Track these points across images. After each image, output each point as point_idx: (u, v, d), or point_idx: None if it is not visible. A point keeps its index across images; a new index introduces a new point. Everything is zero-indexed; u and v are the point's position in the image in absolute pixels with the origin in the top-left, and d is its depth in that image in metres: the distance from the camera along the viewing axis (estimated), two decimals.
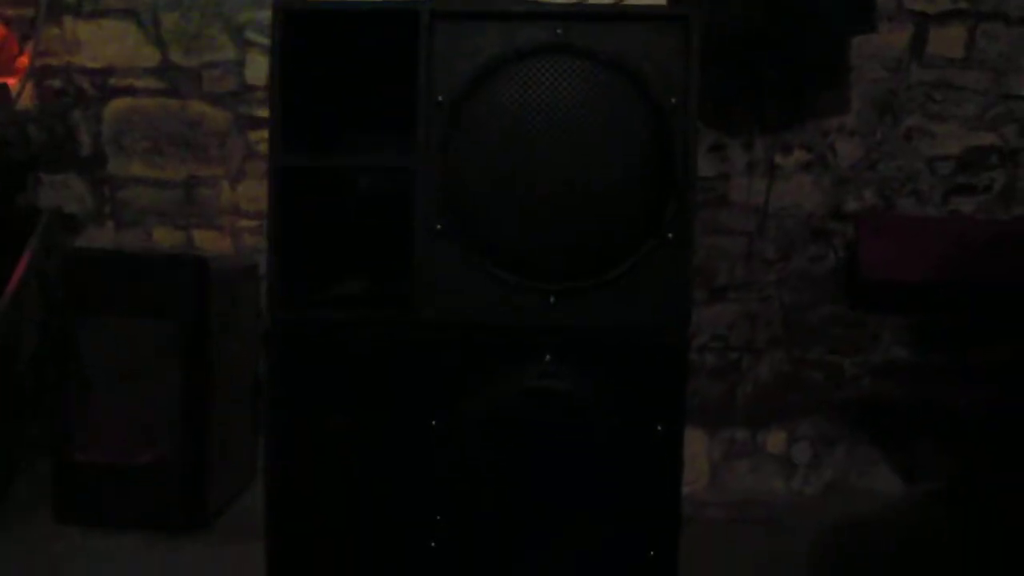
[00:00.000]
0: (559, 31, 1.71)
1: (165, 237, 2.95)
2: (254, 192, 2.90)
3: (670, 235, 1.71)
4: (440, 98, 1.71)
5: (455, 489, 1.78)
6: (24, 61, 2.87)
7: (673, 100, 1.70)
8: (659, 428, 1.75)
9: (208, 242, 2.94)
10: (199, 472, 2.39)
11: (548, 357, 1.75)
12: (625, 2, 1.88)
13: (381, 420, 1.79)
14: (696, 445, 2.83)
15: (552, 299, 1.73)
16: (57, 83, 2.94)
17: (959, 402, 2.45)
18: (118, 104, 2.94)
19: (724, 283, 2.84)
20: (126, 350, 2.37)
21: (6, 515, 2.41)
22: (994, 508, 2.59)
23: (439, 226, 1.72)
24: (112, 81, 2.93)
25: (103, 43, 2.92)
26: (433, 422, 1.76)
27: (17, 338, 2.61)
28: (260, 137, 2.87)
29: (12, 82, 2.86)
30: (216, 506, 2.47)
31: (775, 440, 2.87)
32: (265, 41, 2.81)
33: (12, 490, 2.53)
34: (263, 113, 2.83)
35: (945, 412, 2.78)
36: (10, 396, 2.56)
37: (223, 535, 2.36)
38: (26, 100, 2.93)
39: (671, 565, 1.80)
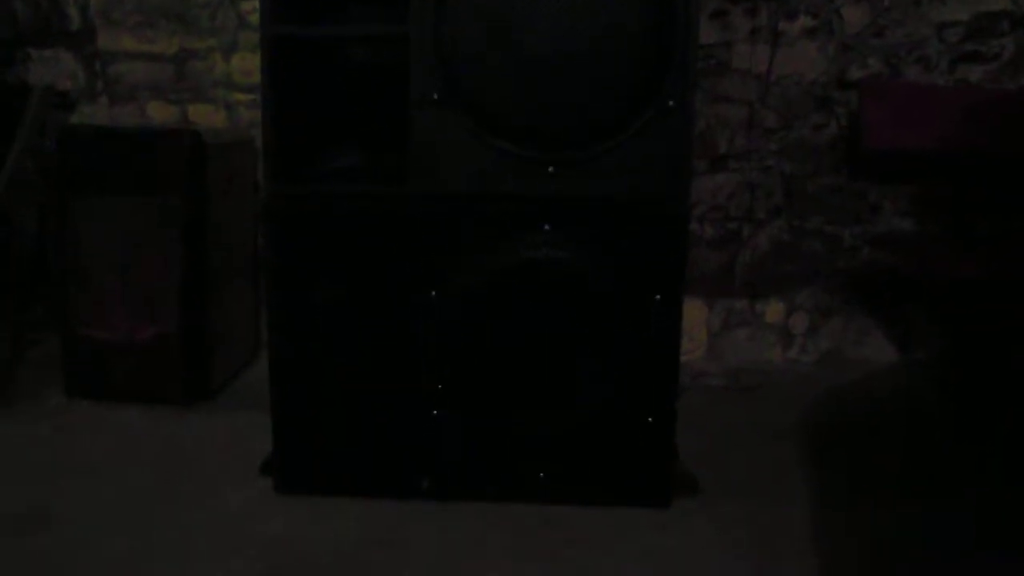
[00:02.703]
0: None
1: (159, 112, 2.92)
2: (248, 65, 2.84)
3: (671, 103, 1.69)
4: None
5: (455, 359, 1.81)
6: None
7: None
8: (658, 297, 1.77)
9: (202, 116, 2.91)
10: (202, 347, 2.43)
11: (547, 227, 1.74)
12: None
13: (380, 290, 1.81)
14: (695, 314, 2.86)
15: (551, 169, 1.71)
16: None
17: (957, 272, 2.45)
18: None
19: (724, 152, 2.81)
20: (125, 227, 2.37)
21: (18, 390, 2.46)
22: (982, 377, 2.64)
23: (435, 96, 1.70)
24: None
25: None
26: (433, 293, 1.78)
27: (17, 217, 2.60)
28: (252, 7, 2.80)
29: None
30: (220, 379, 2.52)
31: (773, 310, 2.89)
32: None
33: (22, 367, 2.57)
34: None
35: (942, 283, 2.79)
36: (13, 276, 2.58)
37: (227, 407, 2.42)
38: None
39: (669, 431, 1.84)
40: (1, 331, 2.50)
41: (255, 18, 2.74)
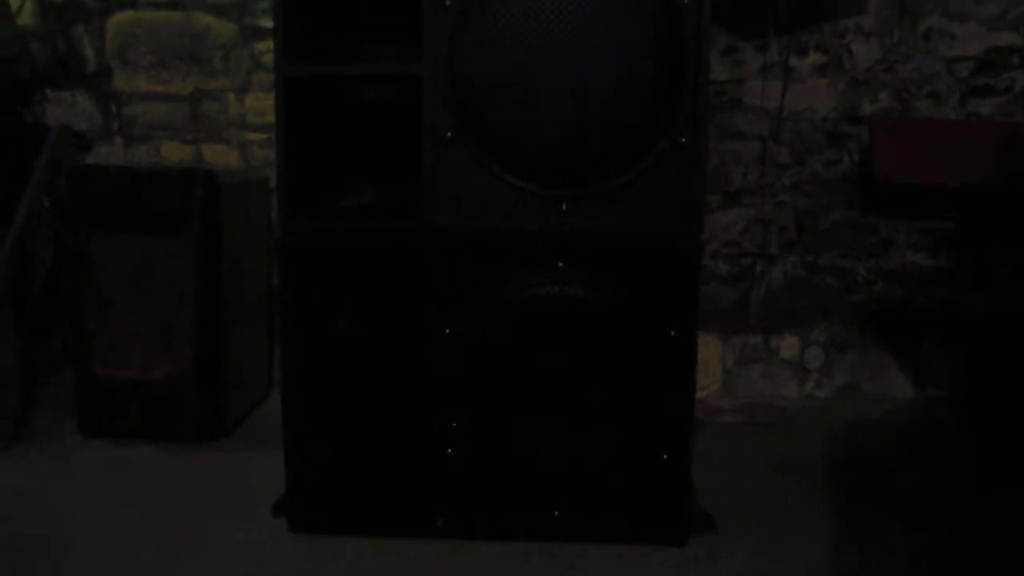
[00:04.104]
0: None
1: (174, 152, 2.94)
2: (261, 105, 2.87)
3: (683, 139, 1.69)
4: (447, 2, 1.67)
5: (469, 396, 1.80)
6: None
7: (685, 1, 1.66)
8: (673, 333, 1.76)
9: (217, 156, 2.93)
10: (216, 384, 2.43)
11: (561, 263, 1.74)
12: None
13: (395, 328, 1.80)
14: (709, 350, 2.85)
15: (563, 205, 1.72)
16: None
17: (973, 305, 2.44)
18: (121, 17, 2.90)
19: (737, 188, 2.81)
20: (140, 266, 2.38)
21: (32, 428, 2.46)
22: (1001, 411, 2.62)
23: (449, 133, 1.71)
24: None
25: None
26: (447, 330, 1.77)
27: (33, 256, 2.62)
28: (266, 48, 2.83)
29: None
30: (234, 417, 2.52)
31: (788, 345, 2.88)
32: None
33: (37, 404, 2.58)
34: (268, 23, 2.79)
35: (957, 317, 2.78)
36: (28, 313, 2.59)
37: (241, 445, 2.41)
38: (27, 16, 2.89)
39: (685, 468, 1.82)
40: (16, 369, 2.50)
41: (269, 59, 2.79)
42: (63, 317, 2.65)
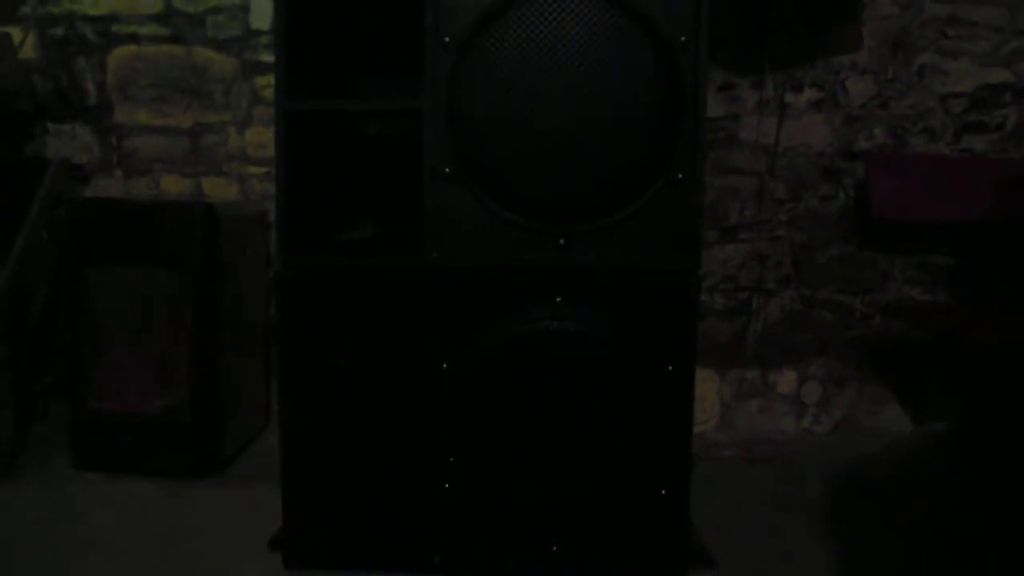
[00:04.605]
0: None
1: (173, 185, 2.95)
2: (261, 138, 2.89)
3: (680, 175, 1.71)
4: (447, 39, 1.69)
5: (467, 430, 1.80)
6: None
7: (683, 38, 1.68)
8: (670, 368, 1.76)
9: (216, 189, 2.94)
10: (212, 419, 2.42)
11: (559, 298, 1.75)
12: None
13: (393, 363, 1.80)
14: (707, 385, 2.85)
15: (561, 241, 1.72)
16: (60, 32, 2.91)
17: (970, 339, 2.44)
18: (122, 52, 2.92)
19: (734, 223, 2.83)
20: (137, 299, 2.38)
21: (26, 461, 2.45)
22: (999, 445, 2.61)
23: (448, 169, 1.72)
24: (115, 28, 2.91)
25: None
26: (445, 365, 1.77)
27: (30, 288, 2.62)
28: (266, 82, 2.85)
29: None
30: (231, 451, 2.51)
31: (785, 380, 2.88)
32: None
33: (30, 437, 2.56)
34: (269, 58, 2.82)
35: (954, 351, 2.78)
36: (24, 345, 2.58)
37: (237, 480, 2.39)
38: (29, 50, 2.91)
39: (683, 503, 1.82)
40: (10, 401, 2.49)
41: (269, 93, 2.80)
42: (59, 349, 2.64)
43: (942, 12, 2.76)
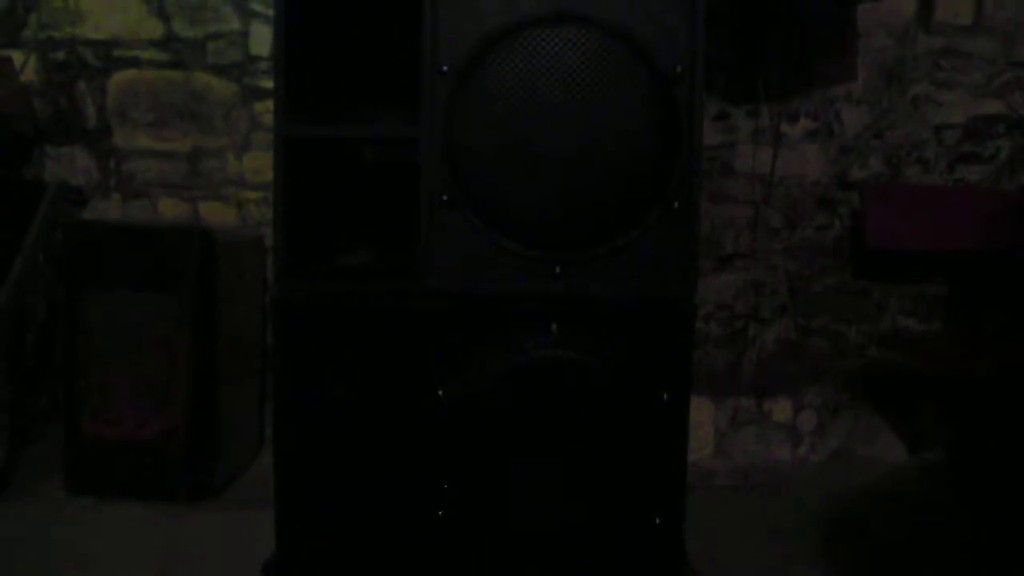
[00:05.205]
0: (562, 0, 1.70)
1: (171, 209, 2.96)
2: (259, 163, 2.90)
3: (676, 204, 1.72)
4: (444, 67, 1.71)
5: (462, 458, 1.80)
6: None
7: (678, 68, 1.69)
8: (665, 396, 1.76)
9: (214, 213, 2.95)
10: (207, 444, 2.41)
11: (555, 326, 1.75)
12: None
13: (388, 389, 1.80)
14: (702, 413, 2.85)
15: (557, 269, 1.73)
16: (61, 55, 2.93)
17: (965, 369, 2.45)
18: (122, 76, 2.94)
19: (730, 252, 2.84)
20: (134, 322, 2.38)
21: (19, 484, 2.44)
22: (995, 477, 2.61)
23: (445, 196, 1.72)
24: (116, 53, 2.93)
25: (106, 14, 2.92)
26: (440, 392, 1.77)
27: (27, 311, 2.62)
28: (265, 108, 2.87)
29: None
30: (224, 476, 2.50)
31: (780, 408, 2.88)
32: (269, 11, 2.80)
33: (23, 459, 2.56)
34: (268, 84, 2.83)
35: (950, 381, 2.79)
36: (20, 368, 2.58)
37: (231, 504, 2.39)
38: (30, 73, 2.93)
39: (677, 531, 1.81)
40: (5, 424, 2.48)
41: (268, 118, 2.82)
42: (54, 372, 2.64)
43: (936, 44, 2.79)
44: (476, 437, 1.79)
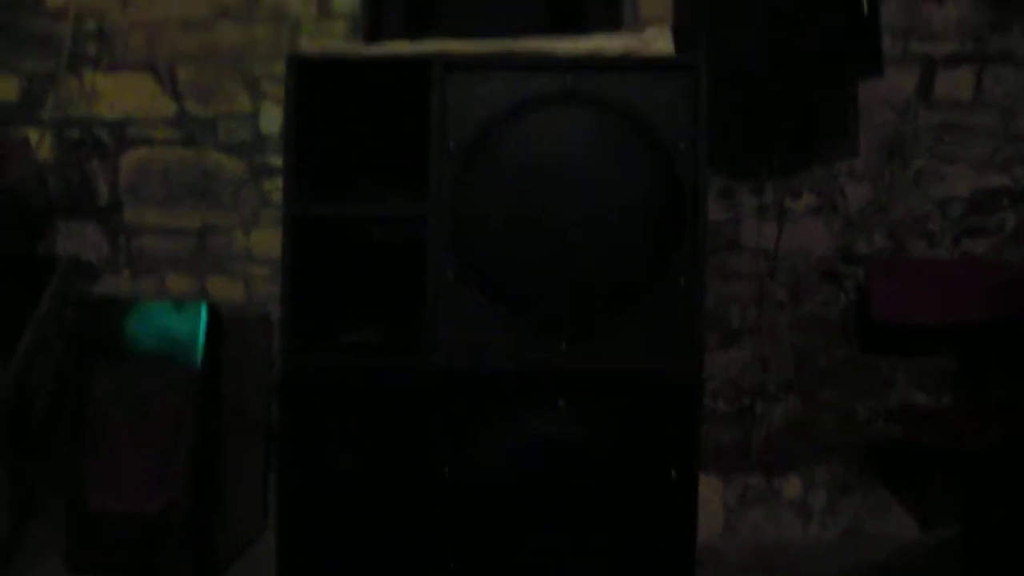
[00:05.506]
0: (568, 80, 1.73)
1: (179, 285, 2.98)
2: (267, 240, 2.92)
3: (681, 280, 1.72)
4: (452, 146, 1.73)
5: (468, 534, 1.78)
6: None
7: (682, 146, 1.72)
8: (673, 473, 1.75)
9: (221, 289, 2.96)
10: (210, 520, 2.39)
11: (561, 402, 1.75)
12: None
13: (393, 466, 1.79)
14: (711, 490, 2.81)
15: (563, 345, 1.73)
16: (76, 134, 2.99)
17: (975, 443, 2.43)
18: (135, 154, 2.99)
19: (735, 328, 2.84)
20: (140, 398, 2.38)
21: (20, 561, 2.41)
22: (1004, 553, 2.56)
23: (451, 273, 1.74)
24: (130, 132, 2.98)
25: (121, 95, 2.98)
26: (446, 469, 1.76)
27: (35, 383, 2.62)
28: (274, 186, 2.90)
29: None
30: (227, 554, 2.46)
31: (790, 486, 2.84)
32: (279, 92, 2.85)
33: (27, 534, 2.53)
34: (277, 162, 2.87)
35: (960, 455, 2.75)
36: (25, 441, 2.57)
37: None
38: (45, 151, 2.98)
39: None
40: (8, 499, 2.46)
41: (277, 196, 2.85)
42: (59, 446, 2.63)
43: (937, 119, 2.82)
44: (482, 514, 1.77)
